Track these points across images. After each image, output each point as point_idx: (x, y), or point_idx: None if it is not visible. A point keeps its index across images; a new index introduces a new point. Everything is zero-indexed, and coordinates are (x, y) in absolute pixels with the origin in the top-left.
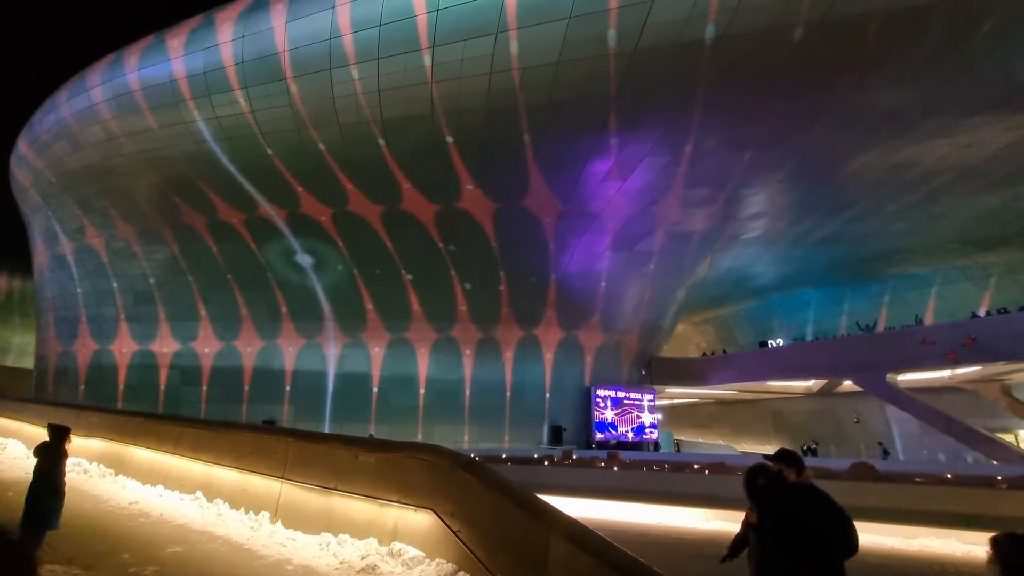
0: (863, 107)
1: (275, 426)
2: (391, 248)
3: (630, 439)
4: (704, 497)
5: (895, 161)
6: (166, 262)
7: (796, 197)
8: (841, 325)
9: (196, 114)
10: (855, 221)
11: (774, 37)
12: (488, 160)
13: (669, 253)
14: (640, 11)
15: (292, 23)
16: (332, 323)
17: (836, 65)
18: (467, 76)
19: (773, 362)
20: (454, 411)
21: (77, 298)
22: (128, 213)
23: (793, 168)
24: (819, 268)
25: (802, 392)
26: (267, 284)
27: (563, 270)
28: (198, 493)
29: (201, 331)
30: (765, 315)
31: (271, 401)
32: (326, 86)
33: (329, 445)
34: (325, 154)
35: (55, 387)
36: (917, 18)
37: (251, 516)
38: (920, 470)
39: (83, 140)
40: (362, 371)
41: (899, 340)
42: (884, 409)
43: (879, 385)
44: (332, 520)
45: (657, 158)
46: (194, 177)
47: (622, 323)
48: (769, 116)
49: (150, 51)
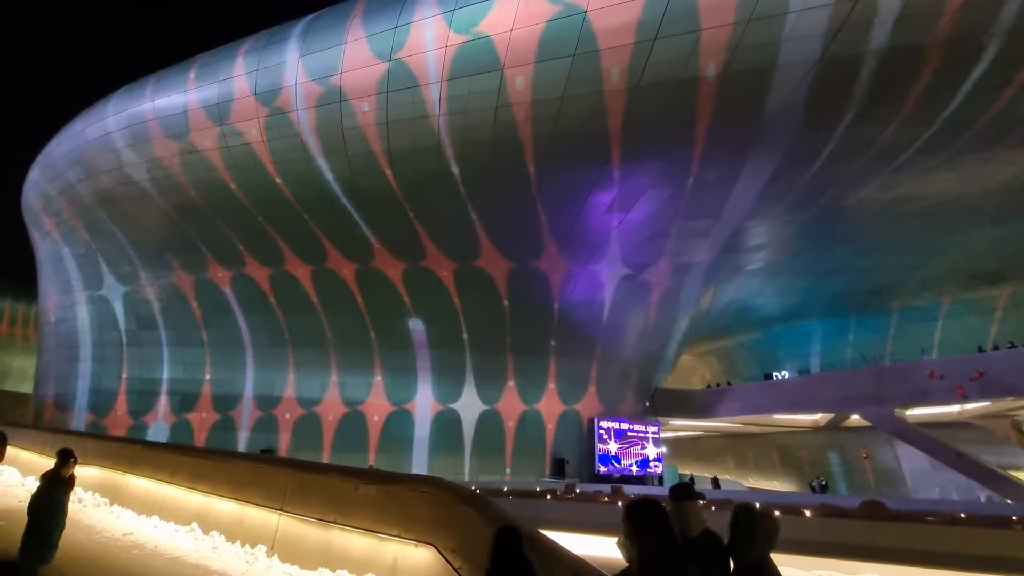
0: (862, 142)
1: (273, 456)
2: (396, 280)
3: (634, 473)
4: None
5: (896, 195)
6: (170, 287)
7: (798, 230)
8: (847, 357)
9: (208, 143)
10: (858, 254)
11: (773, 75)
12: (493, 192)
13: (671, 284)
14: (642, 50)
15: (305, 57)
16: (333, 350)
17: (834, 101)
18: (473, 110)
19: (778, 395)
20: (454, 442)
21: (80, 323)
22: (137, 239)
23: (794, 201)
24: (823, 300)
25: (809, 426)
26: (271, 310)
27: (565, 299)
28: (194, 525)
29: (203, 357)
30: (769, 347)
31: (270, 430)
32: (336, 118)
33: (328, 476)
34: (333, 184)
35: (55, 411)
36: (913, 57)
37: (247, 549)
38: (933, 509)
39: (96, 167)
40: (361, 399)
41: (906, 374)
42: (893, 444)
43: (887, 420)
44: (330, 554)
45: (659, 190)
46: (204, 205)
47: (625, 353)
48: (770, 150)
49: (164, 81)
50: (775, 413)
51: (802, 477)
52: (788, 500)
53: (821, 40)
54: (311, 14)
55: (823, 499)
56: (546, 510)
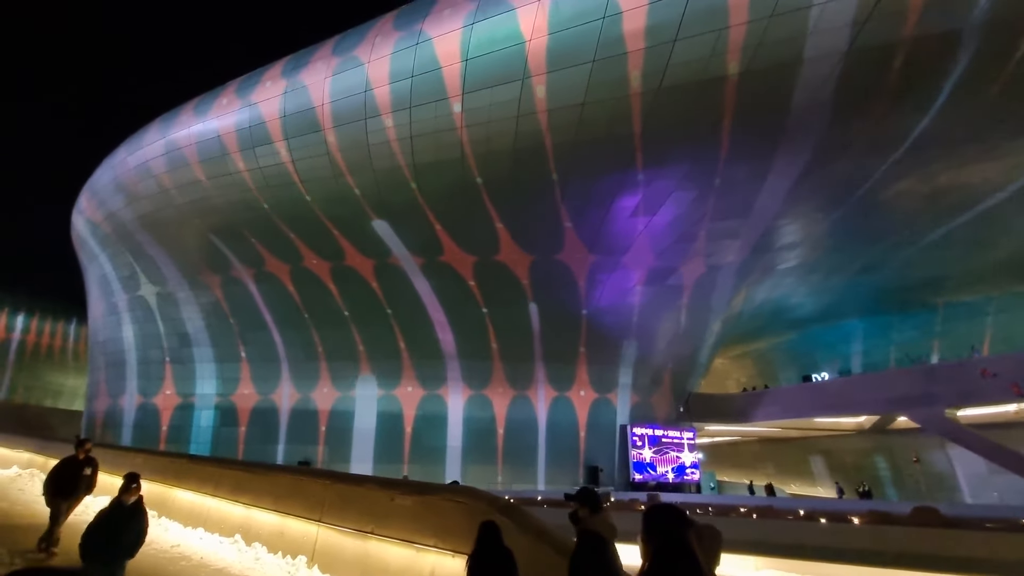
0: (897, 133)
1: (311, 467)
2: (421, 290)
3: (670, 480)
4: (752, 544)
5: (936, 186)
6: (210, 306)
7: (832, 226)
8: (890, 357)
9: (241, 165)
10: (897, 249)
11: (800, 69)
12: (517, 200)
13: (701, 286)
14: (663, 52)
15: (331, 78)
16: (366, 363)
17: (866, 93)
18: (495, 120)
19: (819, 398)
20: (487, 451)
21: (126, 342)
22: (177, 260)
23: (826, 197)
24: (862, 298)
25: (853, 429)
26: (304, 324)
27: (594, 306)
28: (237, 536)
29: (241, 373)
30: (807, 348)
31: (306, 442)
32: (361, 135)
33: (365, 487)
34: (360, 199)
35: (104, 429)
36: (948, 42)
37: (288, 560)
38: (992, 515)
39: (137, 193)
40: (395, 411)
41: (957, 373)
42: (946, 447)
43: (937, 421)
44: (368, 565)
45: (685, 192)
46: (239, 225)
47: (657, 358)
48: (798, 146)
49: (199, 109)
50: (816, 416)
51: (849, 483)
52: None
53: (848, 31)
54: (336, 35)
55: (872, 505)
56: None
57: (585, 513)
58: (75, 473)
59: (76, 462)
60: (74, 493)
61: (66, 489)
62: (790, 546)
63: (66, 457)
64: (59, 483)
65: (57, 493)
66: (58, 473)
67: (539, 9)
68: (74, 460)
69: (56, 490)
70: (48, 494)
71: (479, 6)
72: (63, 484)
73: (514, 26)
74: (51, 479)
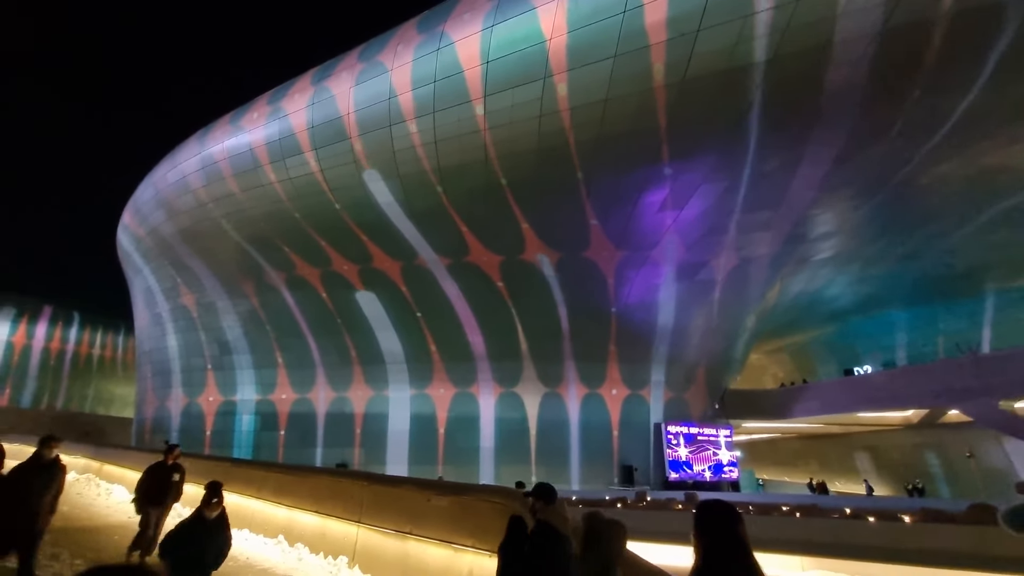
0: (938, 114)
1: (349, 470)
2: (449, 292)
3: (708, 478)
4: (798, 543)
5: (981, 167)
6: (247, 314)
7: (869, 213)
8: (938, 348)
9: (272, 176)
10: (941, 235)
11: (831, 52)
12: (543, 200)
13: (734, 280)
14: (686, 43)
15: (356, 87)
16: (399, 366)
17: (903, 72)
18: (518, 121)
19: (861, 392)
20: (520, 452)
21: (171, 351)
22: (216, 271)
23: (862, 185)
24: (905, 287)
25: (900, 424)
26: (338, 330)
27: (623, 303)
28: (280, 537)
29: (279, 379)
30: (847, 340)
31: (342, 444)
32: (387, 141)
33: (402, 489)
34: (388, 205)
35: (152, 434)
36: (992, 14)
37: (330, 560)
38: None
39: (176, 207)
40: (428, 413)
41: (1010, 362)
42: (1002, 441)
43: (990, 414)
44: (408, 565)
45: (713, 184)
46: (272, 235)
47: (689, 354)
48: (831, 133)
49: (232, 122)
50: (859, 412)
51: (897, 480)
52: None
53: (881, 9)
54: (359, 45)
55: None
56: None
57: (541, 505)
58: (164, 479)
59: (165, 468)
60: (164, 500)
61: (156, 497)
62: (838, 545)
63: (154, 463)
64: (149, 490)
65: (148, 501)
66: (147, 480)
67: (558, 7)
68: (162, 466)
69: (147, 498)
70: (138, 501)
71: (498, 7)
72: (153, 491)
73: (534, 25)
74: (141, 486)
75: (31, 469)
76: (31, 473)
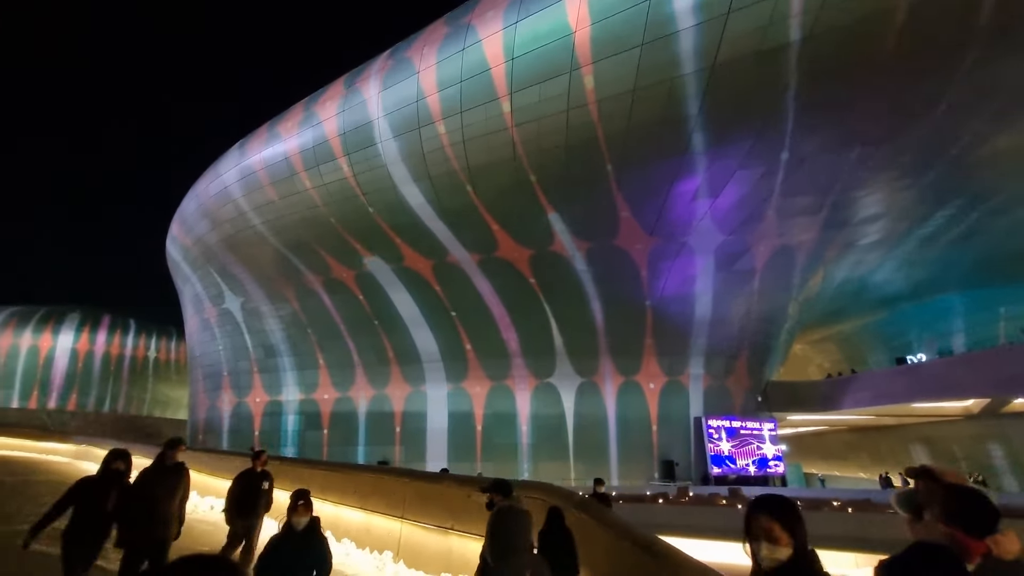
0: (988, 86)
1: (391, 467)
2: (482, 290)
3: (752, 473)
4: (852, 540)
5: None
6: (289, 318)
7: (919, 193)
8: (999, 334)
9: (307, 183)
10: (998, 212)
11: (871, 26)
12: (573, 194)
13: (773, 268)
14: (715, 26)
15: (384, 92)
16: (435, 364)
17: (949, 43)
18: (545, 116)
19: (916, 381)
20: (559, 448)
21: (219, 355)
22: (258, 277)
23: (911, 163)
24: (960, 270)
25: (959, 414)
26: (375, 331)
27: (658, 295)
28: (328, 533)
29: (320, 379)
30: (898, 328)
31: (383, 443)
32: (416, 143)
33: (443, 485)
34: (420, 206)
35: (205, 435)
36: None
37: (376, 555)
38: None
39: (219, 217)
40: (465, 410)
41: None
42: None
43: None
44: (451, 560)
45: (749, 170)
46: (309, 239)
47: (729, 347)
48: (874, 110)
49: (269, 131)
50: (913, 402)
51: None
52: None
53: None
54: (387, 50)
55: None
56: (659, 515)
57: (499, 498)
58: (254, 488)
59: (254, 475)
60: (255, 511)
61: (246, 508)
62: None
63: (243, 471)
64: (239, 502)
65: (238, 513)
66: (237, 490)
67: None
68: (251, 473)
69: (237, 510)
70: (229, 513)
71: (522, 2)
72: (243, 502)
73: (558, 18)
74: (231, 497)
75: (157, 474)
76: (157, 478)
